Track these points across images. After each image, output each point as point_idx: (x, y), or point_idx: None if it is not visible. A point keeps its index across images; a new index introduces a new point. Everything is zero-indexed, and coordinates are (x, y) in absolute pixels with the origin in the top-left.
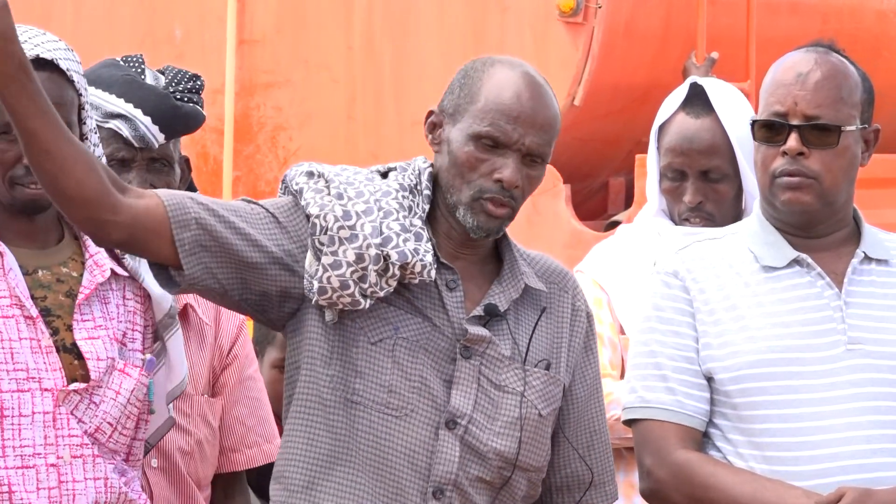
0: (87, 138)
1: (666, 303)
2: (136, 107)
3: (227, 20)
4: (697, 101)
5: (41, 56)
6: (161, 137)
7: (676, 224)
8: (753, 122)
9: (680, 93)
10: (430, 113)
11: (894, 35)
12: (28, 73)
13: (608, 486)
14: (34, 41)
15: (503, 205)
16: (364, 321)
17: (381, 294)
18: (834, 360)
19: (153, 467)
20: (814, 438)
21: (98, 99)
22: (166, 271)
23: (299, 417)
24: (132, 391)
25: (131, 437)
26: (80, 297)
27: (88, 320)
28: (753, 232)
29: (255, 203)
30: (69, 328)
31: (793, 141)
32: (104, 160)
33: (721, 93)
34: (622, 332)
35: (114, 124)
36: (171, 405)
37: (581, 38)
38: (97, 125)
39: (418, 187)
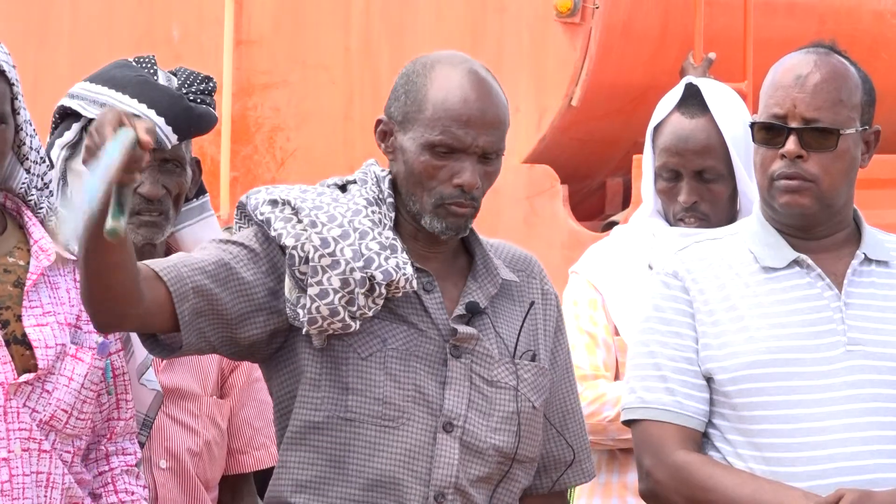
0: (21, 129)
1: (666, 303)
2: (149, 107)
3: (225, 21)
4: (692, 101)
5: None
6: (174, 138)
7: (671, 225)
8: (752, 124)
9: (675, 93)
10: (380, 122)
11: (892, 36)
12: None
13: (585, 465)
14: None
15: (465, 206)
16: (352, 339)
17: (370, 314)
18: (833, 360)
19: (161, 468)
20: (812, 439)
21: (111, 99)
22: (153, 336)
23: (293, 444)
24: (85, 376)
25: (91, 419)
26: (28, 283)
27: (37, 307)
28: (753, 232)
29: (231, 242)
30: (19, 318)
31: (791, 144)
32: (41, 150)
33: (716, 93)
34: (616, 333)
35: None
36: (151, 378)
37: (579, 39)
38: None
39: (381, 197)
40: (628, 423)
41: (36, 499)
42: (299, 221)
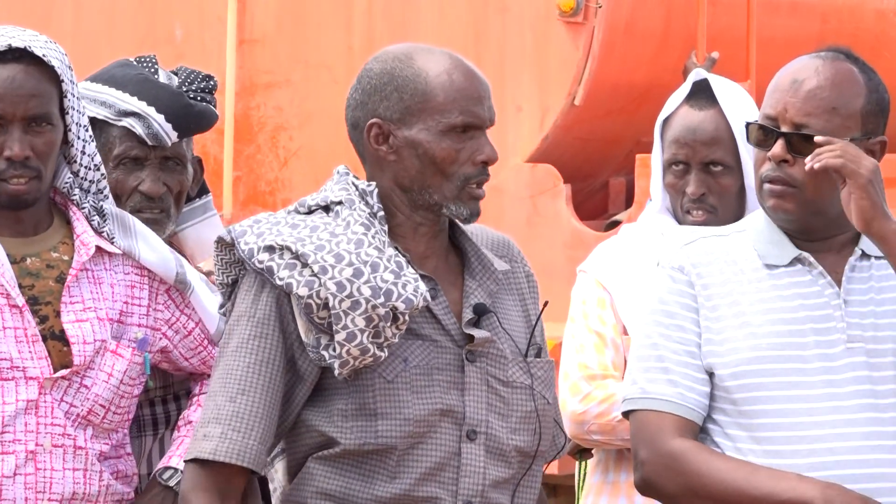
0: (70, 129)
1: (671, 297)
2: (149, 105)
3: (228, 20)
4: (701, 94)
5: (13, 45)
6: (174, 136)
7: (680, 221)
8: (748, 124)
9: (684, 88)
10: (373, 125)
11: (894, 35)
12: None
13: (558, 440)
14: (9, 34)
15: (484, 183)
16: (376, 364)
17: (396, 340)
18: (833, 358)
19: None
20: (811, 433)
21: (112, 97)
22: None
23: (320, 459)
24: (125, 372)
25: (128, 413)
26: (69, 277)
27: (77, 302)
28: (758, 230)
29: (256, 337)
30: (59, 314)
31: (778, 147)
32: (97, 157)
33: (725, 87)
34: (625, 332)
35: (127, 122)
36: None
37: (581, 38)
38: (111, 123)
39: (373, 212)
40: (627, 413)
41: (70, 495)
42: (304, 266)
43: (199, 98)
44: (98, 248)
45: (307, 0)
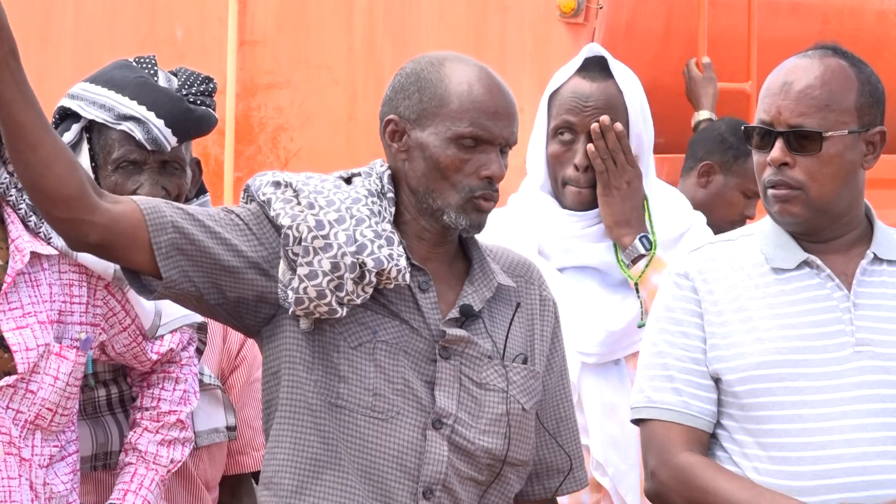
0: None
1: (676, 303)
2: (148, 109)
3: (228, 21)
4: (595, 67)
5: None
6: (173, 141)
7: (559, 198)
8: (745, 129)
9: (575, 61)
10: (390, 121)
11: (895, 35)
12: (17, 60)
13: (578, 472)
14: None
15: (491, 199)
16: (342, 326)
17: (358, 302)
18: (841, 361)
19: None
20: (819, 439)
21: (111, 101)
22: (139, 278)
23: (286, 422)
24: (70, 373)
25: (73, 413)
26: (5, 285)
27: (16, 308)
28: (766, 234)
29: (230, 211)
30: None
31: (776, 151)
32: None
33: (620, 64)
34: None
35: (126, 126)
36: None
37: (582, 39)
38: (110, 126)
39: (383, 191)
40: (637, 422)
41: (29, 502)
42: (298, 203)
43: (198, 102)
44: (33, 253)
45: (308, 1)
